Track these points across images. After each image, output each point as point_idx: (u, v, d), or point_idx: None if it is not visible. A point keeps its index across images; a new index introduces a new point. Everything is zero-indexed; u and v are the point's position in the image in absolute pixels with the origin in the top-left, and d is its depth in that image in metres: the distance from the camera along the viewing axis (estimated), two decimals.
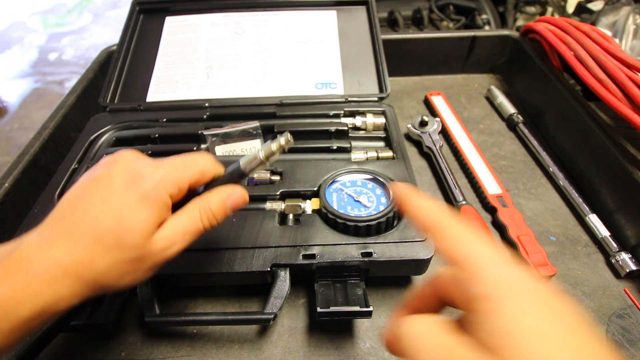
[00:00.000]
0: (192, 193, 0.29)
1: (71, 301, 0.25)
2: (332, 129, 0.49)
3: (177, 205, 0.28)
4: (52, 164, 0.50)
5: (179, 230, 0.27)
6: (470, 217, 0.44)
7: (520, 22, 1.09)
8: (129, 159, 0.28)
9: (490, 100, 0.66)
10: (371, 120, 0.51)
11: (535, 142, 0.56)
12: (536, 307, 0.17)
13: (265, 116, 0.52)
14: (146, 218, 0.26)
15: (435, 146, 0.54)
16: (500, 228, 0.46)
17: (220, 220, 0.29)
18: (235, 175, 0.30)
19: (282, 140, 0.29)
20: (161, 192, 0.27)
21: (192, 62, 0.59)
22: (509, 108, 0.61)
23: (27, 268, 0.23)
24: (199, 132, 0.48)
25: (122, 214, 0.25)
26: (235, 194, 0.29)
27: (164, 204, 0.27)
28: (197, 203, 0.29)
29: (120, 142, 0.50)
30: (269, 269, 0.35)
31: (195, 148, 0.48)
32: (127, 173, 0.27)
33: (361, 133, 0.51)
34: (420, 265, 0.38)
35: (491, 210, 0.48)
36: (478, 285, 0.18)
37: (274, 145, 0.29)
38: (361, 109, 0.52)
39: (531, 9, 1.09)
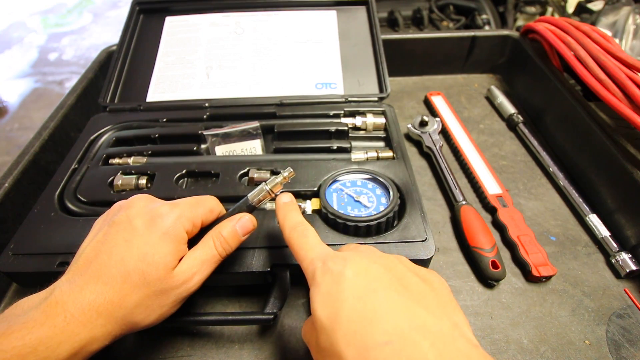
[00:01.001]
0: (203, 231, 0.32)
1: (104, 341, 0.26)
2: (332, 129, 0.49)
3: (191, 242, 0.31)
4: (52, 164, 0.50)
5: (197, 261, 0.30)
6: (470, 217, 0.44)
7: (520, 22, 1.09)
8: (145, 201, 0.31)
9: (490, 100, 0.66)
10: (371, 120, 0.51)
11: (535, 142, 0.56)
12: (318, 292, 0.25)
13: (265, 116, 0.52)
14: (167, 252, 0.28)
15: (435, 146, 0.54)
16: (500, 228, 0.46)
17: (234, 245, 0.32)
18: (244, 208, 0.33)
19: (286, 173, 0.33)
20: (179, 227, 0.29)
21: (192, 62, 0.59)
22: (509, 108, 0.61)
23: (64, 311, 0.25)
24: (199, 132, 0.48)
25: (145, 251, 0.28)
26: (243, 219, 0.32)
27: (182, 239, 0.30)
28: (210, 234, 0.31)
29: (120, 142, 0.50)
30: (269, 269, 0.35)
31: (195, 148, 0.48)
32: (146, 214, 0.29)
33: (361, 133, 0.51)
34: (420, 265, 0.38)
35: (491, 210, 0.48)
36: (307, 279, 0.28)
37: (278, 179, 0.33)
38: (361, 109, 0.52)
39: (531, 9, 1.09)
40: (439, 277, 0.28)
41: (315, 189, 0.42)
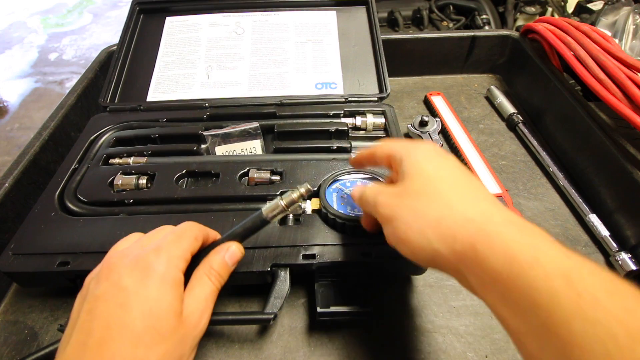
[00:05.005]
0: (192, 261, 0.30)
1: None
2: (332, 129, 0.49)
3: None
4: (52, 164, 0.50)
5: (201, 300, 0.28)
6: None
7: (520, 22, 1.09)
8: (121, 256, 0.28)
9: (490, 100, 0.66)
10: (371, 120, 0.51)
11: (535, 142, 0.56)
12: (420, 152, 0.29)
13: (265, 116, 0.52)
14: (172, 299, 0.26)
15: None
16: None
17: (226, 277, 0.31)
18: (257, 222, 0.32)
19: (303, 189, 0.32)
20: (174, 271, 0.27)
21: (192, 62, 0.59)
22: (509, 108, 0.61)
23: None
24: (199, 132, 0.48)
25: (149, 306, 0.25)
26: (231, 250, 0.31)
27: (179, 281, 0.27)
28: (201, 270, 0.30)
29: (121, 142, 0.50)
30: (269, 269, 0.35)
31: (195, 148, 0.48)
32: (133, 269, 0.26)
33: (361, 133, 0.51)
34: (420, 266, 0.38)
35: None
36: (398, 156, 0.30)
37: (294, 194, 0.32)
38: (361, 109, 0.52)
39: (531, 9, 1.09)
40: None
41: (315, 188, 0.42)
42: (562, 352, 0.17)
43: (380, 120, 0.51)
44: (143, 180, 0.44)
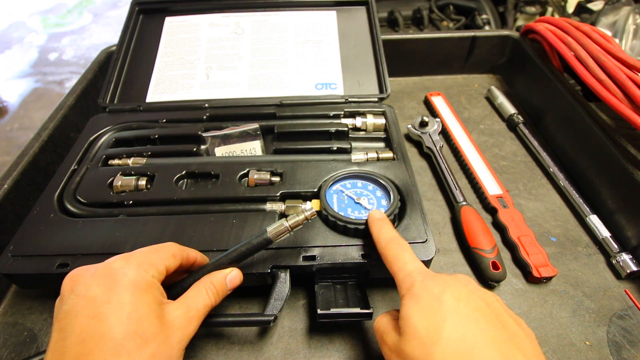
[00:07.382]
0: (170, 279, 0.31)
1: None
2: (332, 129, 0.49)
3: (175, 292, 0.30)
4: (51, 165, 0.50)
5: (192, 306, 0.29)
6: (470, 217, 0.44)
7: (520, 22, 1.09)
8: (87, 268, 0.27)
9: (490, 100, 0.66)
10: (371, 120, 0.50)
11: (535, 143, 0.55)
12: (416, 303, 0.26)
13: (265, 117, 0.51)
14: (150, 301, 0.26)
15: (435, 147, 0.54)
16: (500, 229, 0.46)
17: (222, 296, 0.32)
18: (262, 242, 0.32)
19: (308, 213, 0.32)
20: (144, 275, 0.27)
21: (192, 63, 0.59)
22: (509, 108, 0.61)
23: None
24: (199, 133, 0.48)
25: (127, 311, 0.24)
26: (233, 274, 0.32)
27: (153, 285, 0.27)
28: (202, 282, 0.31)
29: (120, 143, 0.50)
30: (269, 271, 0.35)
31: (194, 149, 0.48)
32: (100, 277, 0.26)
33: (361, 134, 0.51)
34: None
35: (492, 210, 0.48)
36: (400, 288, 0.29)
37: (300, 217, 0.32)
38: (361, 110, 0.52)
39: (531, 9, 1.09)
40: (526, 324, 0.28)
41: (316, 190, 0.42)
42: None
43: (381, 120, 0.51)
44: (142, 182, 0.43)
